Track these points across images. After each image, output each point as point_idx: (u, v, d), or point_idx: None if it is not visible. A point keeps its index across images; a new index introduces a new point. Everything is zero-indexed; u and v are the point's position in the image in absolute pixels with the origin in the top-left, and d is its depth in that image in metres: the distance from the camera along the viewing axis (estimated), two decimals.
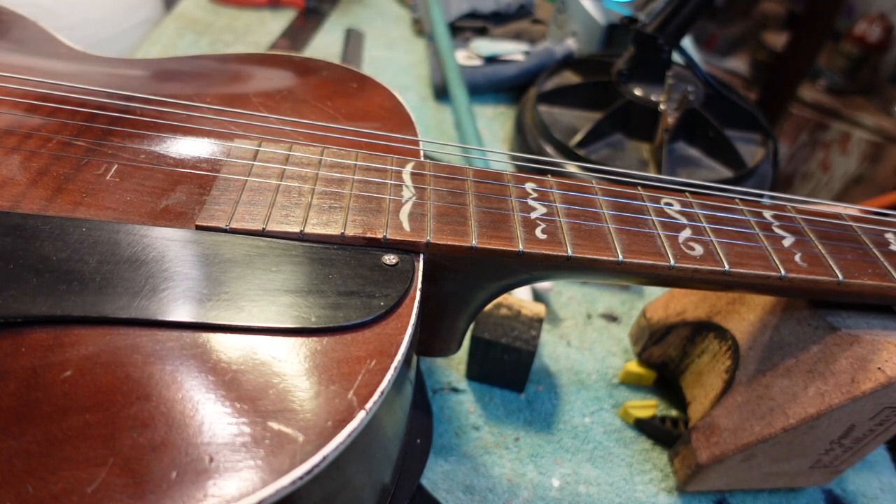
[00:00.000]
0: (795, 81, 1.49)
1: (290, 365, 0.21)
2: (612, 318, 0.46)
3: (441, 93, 0.66)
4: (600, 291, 0.48)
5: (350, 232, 0.26)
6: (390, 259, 0.26)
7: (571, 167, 0.52)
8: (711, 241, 0.29)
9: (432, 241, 0.26)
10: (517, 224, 0.28)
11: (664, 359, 0.41)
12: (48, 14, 0.50)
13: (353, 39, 0.72)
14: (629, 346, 0.44)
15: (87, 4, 0.38)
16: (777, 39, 1.57)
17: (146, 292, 0.23)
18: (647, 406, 0.40)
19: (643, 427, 0.39)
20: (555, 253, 0.27)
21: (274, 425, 0.19)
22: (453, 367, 0.41)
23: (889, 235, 0.32)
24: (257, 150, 0.30)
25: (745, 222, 0.31)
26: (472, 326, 0.37)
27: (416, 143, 0.33)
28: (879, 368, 0.29)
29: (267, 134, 0.32)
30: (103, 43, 0.58)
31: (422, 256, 0.27)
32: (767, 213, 0.32)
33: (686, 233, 0.29)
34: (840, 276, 0.29)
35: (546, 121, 0.55)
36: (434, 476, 0.35)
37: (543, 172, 0.33)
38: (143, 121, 0.31)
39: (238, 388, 0.20)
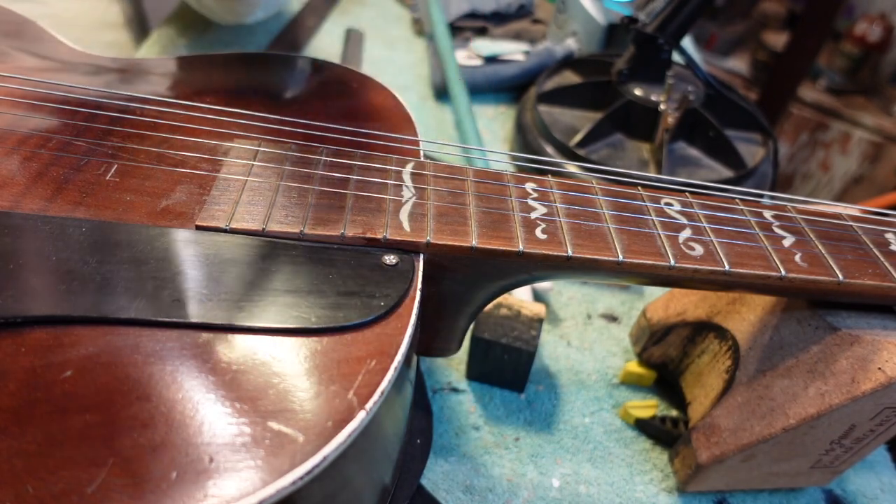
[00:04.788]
0: (795, 81, 1.49)
1: (290, 365, 0.21)
2: (612, 318, 0.46)
3: (441, 93, 0.66)
4: (600, 291, 0.48)
5: (350, 232, 0.26)
6: (390, 259, 0.26)
7: (571, 167, 0.52)
8: (711, 241, 0.29)
9: (432, 241, 0.26)
10: (517, 224, 0.28)
11: (664, 359, 0.41)
12: None
13: (353, 39, 0.72)
14: (629, 346, 0.44)
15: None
16: (777, 39, 1.58)
17: (146, 292, 0.23)
18: (647, 406, 0.40)
19: (643, 427, 0.39)
20: (555, 253, 0.27)
21: (274, 425, 0.19)
22: (453, 367, 0.41)
23: (889, 235, 0.32)
24: (257, 150, 0.30)
25: (746, 222, 0.31)
26: (472, 326, 0.37)
27: (416, 143, 0.33)
28: (880, 368, 0.29)
29: (267, 134, 0.32)
30: None
31: (422, 256, 0.27)
32: (767, 213, 0.32)
33: (686, 233, 0.29)
34: (840, 277, 0.29)
35: (546, 121, 0.55)
36: (434, 476, 0.35)
37: (543, 172, 0.33)
38: (142, 121, 0.31)
39: (238, 388, 0.20)
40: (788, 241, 0.30)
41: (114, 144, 0.29)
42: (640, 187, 0.32)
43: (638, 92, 0.55)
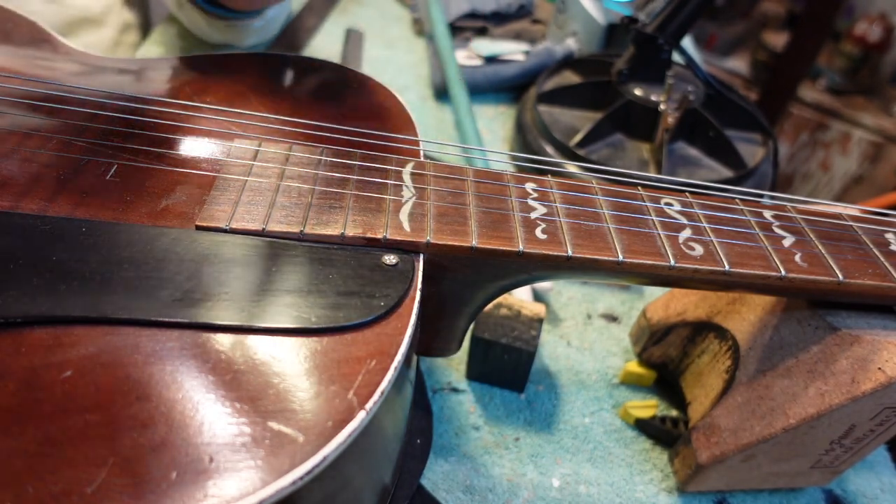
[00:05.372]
0: (795, 81, 1.50)
1: (290, 365, 0.21)
2: (612, 318, 0.46)
3: (441, 93, 0.66)
4: (600, 291, 0.48)
5: (350, 232, 0.26)
6: (390, 259, 0.26)
7: (571, 167, 0.52)
8: (711, 241, 0.29)
9: (432, 241, 0.26)
10: (517, 224, 0.28)
11: (664, 359, 0.41)
12: None
13: (353, 39, 0.72)
14: (629, 346, 0.44)
15: None
16: (777, 39, 1.58)
17: (146, 292, 0.23)
18: (647, 406, 0.40)
19: (643, 427, 0.39)
20: (555, 253, 0.27)
21: (274, 425, 0.19)
22: (453, 367, 0.41)
23: (889, 235, 0.32)
24: (257, 150, 0.30)
25: (746, 222, 0.31)
26: (472, 326, 0.37)
27: (416, 143, 0.33)
28: (880, 368, 0.29)
29: (267, 134, 0.32)
30: None
31: (422, 256, 0.27)
32: (767, 213, 0.32)
33: (686, 233, 0.29)
34: (840, 276, 0.29)
35: (546, 121, 0.55)
36: (434, 476, 0.35)
37: (543, 172, 0.33)
38: (143, 121, 0.31)
39: (238, 388, 0.20)
40: (788, 241, 0.30)
41: (114, 144, 0.29)
42: (640, 187, 0.32)
43: (638, 92, 0.55)
